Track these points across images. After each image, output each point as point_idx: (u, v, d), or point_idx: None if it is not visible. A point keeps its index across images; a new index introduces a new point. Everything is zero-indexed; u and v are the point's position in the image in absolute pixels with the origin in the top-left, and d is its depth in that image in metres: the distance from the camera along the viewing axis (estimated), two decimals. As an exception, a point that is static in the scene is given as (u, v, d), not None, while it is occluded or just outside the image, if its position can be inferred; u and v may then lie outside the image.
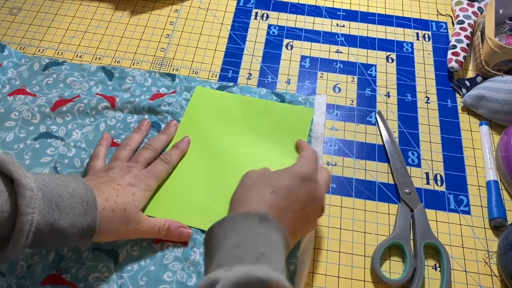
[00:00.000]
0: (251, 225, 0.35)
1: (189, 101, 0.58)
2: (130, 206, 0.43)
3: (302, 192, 0.40)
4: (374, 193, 0.52)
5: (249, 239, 0.34)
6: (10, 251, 0.35)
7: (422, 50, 0.66)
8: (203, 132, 0.55)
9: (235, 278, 0.30)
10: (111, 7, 0.69)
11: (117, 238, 0.45)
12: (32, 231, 0.35)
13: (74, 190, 0.38)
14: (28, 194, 0.35)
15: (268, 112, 0.57)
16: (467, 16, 0.67)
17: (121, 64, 0.62)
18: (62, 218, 0.37)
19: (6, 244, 0.35)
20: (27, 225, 0.34)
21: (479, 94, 0.58)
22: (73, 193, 0.38)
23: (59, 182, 0.38)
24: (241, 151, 0.54)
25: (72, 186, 0.39)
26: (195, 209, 0.49)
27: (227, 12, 0.69)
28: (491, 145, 0.55)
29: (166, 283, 0.45)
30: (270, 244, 0.34)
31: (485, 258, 0.48)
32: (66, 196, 0.38)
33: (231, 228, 0.35)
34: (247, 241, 0.34)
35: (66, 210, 0.37)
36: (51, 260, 0.45)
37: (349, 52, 0.65)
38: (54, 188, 0.37)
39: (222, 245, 0.34)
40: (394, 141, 0.56)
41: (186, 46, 0.65)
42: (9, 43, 0.63)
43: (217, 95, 0.59)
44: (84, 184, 0.40)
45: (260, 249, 0.33)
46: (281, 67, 0.63)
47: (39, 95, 0.57)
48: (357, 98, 0.60)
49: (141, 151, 0.50)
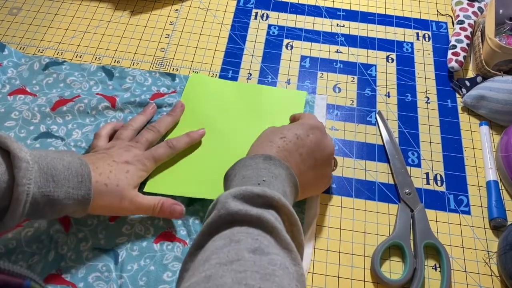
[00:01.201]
0: (257, 162, 0.40)
1: (184, 88, 0.58)
2: (123, 183, 0.44)
3: (309, 139, 0.44)
4: (374, 193, 0.52)
5: (253, 172, 0.39)
6: (8, 220, 0.37)
7: (422, 50, 0.66)
8: (199, 118, 0.56)
9: (233, 192, 0.35)
10: (111, 7, 0.69)
11: (112, 212, 0.46)
12: (29, 201, 0.37)
13: (69, 163, 0.40)
14: (24, 166, 0.36)
15: (262, 95, 0.59)
16: (467, 16, 0.67)
17: (121, 64, 0.62)
18: (57, 189, 0.39)
19: (5, 214, 0.37)
20: (24, 195, 0.36)
21: (479, 94, 0.57)
22: (68, 166, 0.40)
23: (54, 156, 0.40)
24: (238, 133, 0.55)
25: (67, 160, 0.40)
26: (195, 183, 0.50)
27: (227, 12, 0.69)
28: (491, 145, 0.55)
29: (165, 283, 0.45)
30: (271, 175, 0.39)
31: (485, 258, 0.48)
32: (61, 169, 0.39)
33: (240, 167, 0.41)
34: (251, 173, 0.39)
35: (61, 182, 0.39)
36: (51, 260, 0.45)
37: (349, 52, 0.65)
38: (50, 161, 0.39)
39: (233, 180, 0.40)
40: (394, 141, 0.55)
41: (186, 46, 0.65)
42: (9, 43, 0.63)
43: (212, 81, 0.60)
44: (79, 158, 0.42)
45: (261, 178, 0.38)
46: (281, 67, 0.63)
47: (39, 94, 0.57)
48: (357, 98, 0.60)
49: (144, 131, 0.51)
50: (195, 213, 0.49)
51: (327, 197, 0.52)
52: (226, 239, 0.32)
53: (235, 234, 0.32)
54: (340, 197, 0.52)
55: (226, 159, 0.52)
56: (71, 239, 0.47)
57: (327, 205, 0.51)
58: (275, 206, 0.35)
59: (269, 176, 0.38)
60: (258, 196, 0.35)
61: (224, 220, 0.34)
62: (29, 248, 0.46)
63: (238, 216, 0.34)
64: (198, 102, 0.57)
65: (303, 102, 0.58)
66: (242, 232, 0.32)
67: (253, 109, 0.57)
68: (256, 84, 0.60)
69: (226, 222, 0.34)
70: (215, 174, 0.49)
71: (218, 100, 0.58)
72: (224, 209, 0.34)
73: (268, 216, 0.34)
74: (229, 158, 0.51)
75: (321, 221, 0.50)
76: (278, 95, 0.59)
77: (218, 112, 0.57)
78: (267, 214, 0.34)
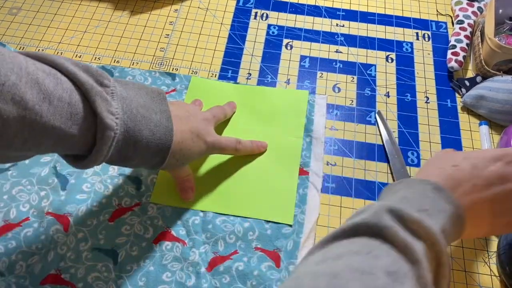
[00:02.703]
0: (425, 188, 0.35)
1: (187, 92, 0.59)
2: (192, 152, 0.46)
3: (488, 170, 0.37)
4: (374, 193, 0.52)
5: (417, 197, 0.34)
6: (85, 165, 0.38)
7: (422, 50, 0.66)
8: None
9: (390, 206, 0.32)
10: (110, 7, 0.69)
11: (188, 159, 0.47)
12: (106, 158, 0.38)
13: (156, 125, 0.40)
14: (108, 134, 0.36)
15: (264, 96, 0.59)
16: (467, 16, 0.67)
17: (120, 64, 0.62)
18: (135, 154, 0.40)
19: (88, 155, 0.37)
20: (102, 156, 0.37)
21: (479, 94, 0.57)
22: (153, 130, 0.40)
23: (145, 113, 0.40)
24: (243, 134, 0.55)
25: (155, 120, 0.40)
26: (204, 193, 0.51)
27: (227, 12, 0.69)
28: (490, 145, 0.55)
29: (165, 283, 0.45)
30: (436, 208, 0.34)
31: (484, 258, 0.48)
32: (146, 134, 0.39)
33: (405, 186, 0.36)
34: (414, 197, 0.34)
35: (141, 150, 0.40)
36: (51, 260, 0.45)
37: (349, 52, 0.65)
38: (137, 124, 0.39)
39: (391, 196, 0.36)
40: (393, 141, 0.55)
41: (185, 46, 0.65)
42: (8, 43, 0.63)
43: (213, 84, 0.60)
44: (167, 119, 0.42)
45: (423, 206, 0.33)
46: (280, 67, 0.63)
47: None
48: (356, 98, 0.60)
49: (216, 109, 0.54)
50: (195, 213, 0.49)
51: (327, 197, 0.52)
52: (365, 247, 0.30)
53: (376, 248, 0.30)
54: (340, 197, 0.52)
55: (230, 162, 0.52)
56: (71, 239, 0.47)
57: (327, 205, 0.51)
58: (428, 239, 0.31)
59: (433, 208, 0.34)
60: (414, 222, 0.31)
61: (369, 228, 0.31)
62: (28, 248, 0.46)
63: (386, 232, 0.31)
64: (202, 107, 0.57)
65: (306, 101, 0.58)
66: (383, 249, 0.30)
67: (256, 110, 0.57)
68: (257, 86, 0.60)
69: (371, 232, 0.31)
70: (222, 186, 0.51)
71: (220, 103, 0.57)
72: (375, 218, 0.31)
73: (416, 246, 0.30)
74: (233, 162, 0.52)
75: (321, 221, 0.50)
76: (280, 95, 0.59)
77: None
78: (416, 243, 0.30)
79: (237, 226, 0.48)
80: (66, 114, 0.34)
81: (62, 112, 0.33)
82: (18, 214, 0.48)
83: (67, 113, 0.34)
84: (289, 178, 0.52)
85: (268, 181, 0.52)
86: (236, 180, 0.51)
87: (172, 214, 0.49)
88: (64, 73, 0.35)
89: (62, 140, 0.34)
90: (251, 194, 0.51)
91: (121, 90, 0.38)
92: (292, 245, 0.47)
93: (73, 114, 0.34)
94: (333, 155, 0.55)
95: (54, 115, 0.33)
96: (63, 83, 0.34)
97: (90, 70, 0.36)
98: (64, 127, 0.34)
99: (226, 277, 0.45)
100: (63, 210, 0.49)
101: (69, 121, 0.34)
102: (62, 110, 0.33)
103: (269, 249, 0.47)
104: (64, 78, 0.34)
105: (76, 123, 0.34)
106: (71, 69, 0.35)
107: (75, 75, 0.35)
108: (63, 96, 0.33)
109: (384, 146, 0.56)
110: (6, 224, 0.48)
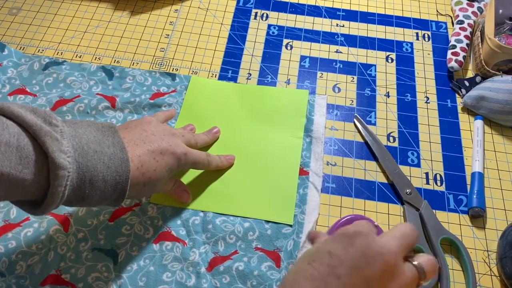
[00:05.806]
0: None
1: (186, 92, 0.58)
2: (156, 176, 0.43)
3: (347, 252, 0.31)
4: (374, 193, 0.52)
5: None
6: (42, 210, 0.36)
7: (422, 50, 0.66)
8: (203, 121, 0.56)
9: None
10: (110, 7, 0.69)
11: None
12: (63, 200, 0.36)
13: (109, 158, 0.38)
14: (61, 174, 0.35)
15: (264, 96, 0.59)
16: (467, 16, 0.67)
17: (120, 64, 0.62)
18: (92, 191, 0.38)
19: (42, 202, 0.36)
20: (58, 198, 0.35)
21: (479, 95, 0.57)
22: (108, 164, 0.38)
23: (97, 148, 0.38)
24: (243, 134, 0.55)
25: (108, 153, 0.39)
26: (204, 193, 0.51)
27: (227, 12, 0.69)
28: (482, 139, 0.55)
29: (165, 283, 0.45)
30: None
31: (484, 258, 0.48)
32: (101, 168, 0.38)
33: None
34: None
35: (98, 185, 0.38)
36: (51, 260, 0.45)
37: (349, 52, 0.65)
38: (90, 159, 0.37)
39: None
40: (379, 143, 0.55)
41: (185, 46, 0.65)
42: (9, 43, 0.63)
43: (213, 84, 0.60)
44: (121, 150, 0.40)
45: None
46: (280, 67, 0.63)
47: (39, 95, 0.57)
48: (356, 98, 0.60)
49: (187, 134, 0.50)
50: (195, 213, 0.49)
51: (327, 197, 0.52)
52: None
53: None
54: (340, 197, 0.52)
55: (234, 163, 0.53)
56: (71, 239, 0.47)
57: (327, 205, 0.51)
58: None
59: None
60: None
61: None
62: (28, 248, 0.46)
63: None
64: (201, 106, 0.57)
65: (306, 101, 0.58)
66: None
67: (256, 110, 0.57)
68: (257, 85, 0.60)
69: None
70: (222, 186, 0.51)
71: (220, 103, 0.58)
72: None
73: None
74: (237, 161, 0.52)
75: (321, 221, 0.50)
76: (280, 94, 0.59)
77: (221, 114, 0.57)
78: None
79: (237, 226, 0.48)
80: (16, 158, 0.33)
81: (11, 157, 0.33)
82: (18, 214, 0.48)
83: (16, 158, 0.33)
84: (289, 178, 0.52)
85: (268, 181, 0.52)
86: (236, 180, 0.52)
87: (172, 214, 0.49)
88: (10, 116, 0.34)
89: (13, 186, 0.34)
90: (251, 194, 0.51)
91: (70, 130, 0.37)
92: (292, 245, 0.47)
93: (23, 158, 0.33)
94: (333, 155, 0.55)
95: (2, 161, 0.32)
96: (9, 127, 0.34)
97: (37, 111, 0.36)
98: (15, 172, 0.33)
99: (226, 277, 0.45)
100: (63, 210, 0.49)
101: (19, 166, 0.33)
102: (10, 155, 0.33)
103: (269, 249, 0.47)
104: (9, 122, 0.34)
105: (27, 166, 0.34)
106: (17, 111, 0.34)
107: (21, 118, 0.34)
108: (10, 141, 0.33)
109: (372, 149, 0.55)
110: (6, 224, 0.48)
